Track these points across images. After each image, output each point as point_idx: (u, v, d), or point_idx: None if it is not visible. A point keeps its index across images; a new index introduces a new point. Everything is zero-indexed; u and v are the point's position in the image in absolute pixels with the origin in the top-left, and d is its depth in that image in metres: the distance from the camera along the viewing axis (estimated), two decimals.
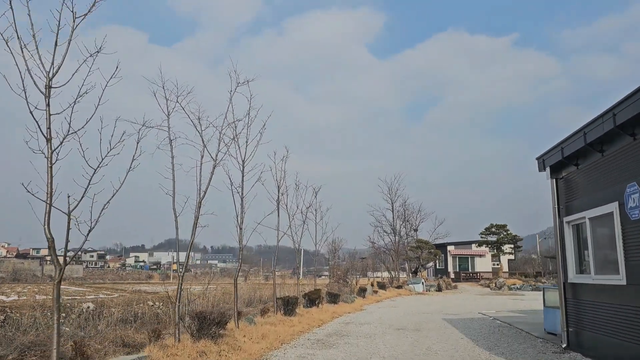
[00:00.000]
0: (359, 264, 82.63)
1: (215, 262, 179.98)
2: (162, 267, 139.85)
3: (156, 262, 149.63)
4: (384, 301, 30.40)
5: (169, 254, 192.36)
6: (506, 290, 44.12)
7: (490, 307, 25.05)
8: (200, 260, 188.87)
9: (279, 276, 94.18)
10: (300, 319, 15.82)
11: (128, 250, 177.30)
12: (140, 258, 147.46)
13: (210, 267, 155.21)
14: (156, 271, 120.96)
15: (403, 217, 52.48)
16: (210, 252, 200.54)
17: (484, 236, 48.13)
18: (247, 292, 30.46)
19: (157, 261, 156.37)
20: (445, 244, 54.34)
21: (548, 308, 14.16)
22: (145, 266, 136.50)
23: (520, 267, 59.01)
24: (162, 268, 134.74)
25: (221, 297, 29.36)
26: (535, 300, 33.00)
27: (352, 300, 25.53)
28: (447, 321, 17.51)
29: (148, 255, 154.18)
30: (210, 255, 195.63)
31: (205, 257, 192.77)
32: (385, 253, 49.45)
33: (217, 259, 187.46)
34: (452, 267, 54.41)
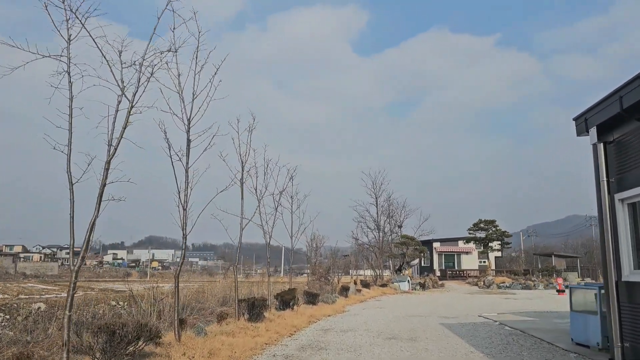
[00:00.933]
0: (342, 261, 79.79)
1: (196, 260, 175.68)
2: (141, 264, 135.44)
3: (135, 260, 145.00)
4: (368, 301, 27.32)
5: (149, 251, 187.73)
6: (495, 288, 41.42)
7: (488, 308, 22.13)
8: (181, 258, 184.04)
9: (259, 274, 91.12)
10: (268, 325, 12.61)
11: (107, 247, 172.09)
12: (118, 255, 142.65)
13: (191, 264, 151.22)
14: (135, 269, 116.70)
15: (387, 213, 49.57)
16: (191, 250, 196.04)
17: (472, 232, 45.38)
18: (222, 291, 27.43)
19: (136, 259, 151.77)
20: (431, 241, 51.52)
21: (577, 313, 11.16)
22: (124, 263, 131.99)
23: (506, 264, 56.51)
24: (141, 266, 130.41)
25: (194, 295, 26.39)
26: (529, 300, 30.33)
27: (333, 301, 22.39)
28: (446, 327, 14.44)
29: (127, 252, 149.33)
30: (191, 252, 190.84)
31: (186, 255, 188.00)
32: (368, 250, 46.41)
33: (198, 257, 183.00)
34: (438, 265, 51.58)
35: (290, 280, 21.52)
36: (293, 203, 18.98)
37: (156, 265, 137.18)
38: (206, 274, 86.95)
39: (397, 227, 49.69)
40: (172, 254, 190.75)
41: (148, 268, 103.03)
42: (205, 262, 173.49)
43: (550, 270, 44.02)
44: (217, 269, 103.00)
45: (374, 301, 27.45)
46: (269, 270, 19.20)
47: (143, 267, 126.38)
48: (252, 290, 28.45)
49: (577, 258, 47.66)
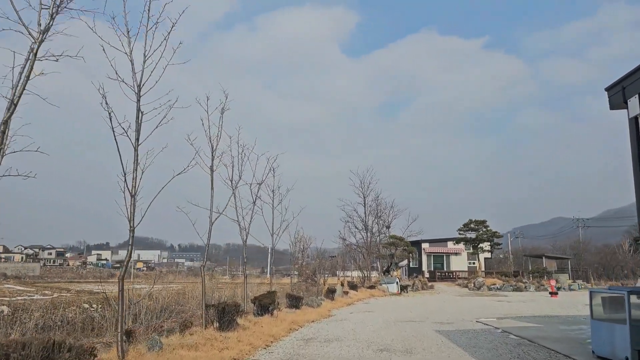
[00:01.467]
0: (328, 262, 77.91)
1: (182, 261, 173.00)
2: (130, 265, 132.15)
3: (120, 261, 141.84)
4: (356, 304, 25.59)
5: (136, 251, 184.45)
6: (486, 290, 39.95)
7: (483, 312, 20.51)
8: (167, 259, 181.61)
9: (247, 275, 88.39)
10: (241, 335, 10.79)
11: (91, 248, 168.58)
12: (102, 256, 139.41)
13: (177, 265, 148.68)
14: (119, 269, 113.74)
15: (376, 213, 47.90)
16: (177, 251, 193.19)
17: (463, 232, 43.85)
18: (210, 291, 25.60)
19: (121, 259, 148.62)
20: (420, 242, 49.92)
21: (599, 322, 9.52)
22: (108, 264, 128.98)
23: (495, 266, 55.16)
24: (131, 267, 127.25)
25: (174, 297, 24.61)
26: (523, 303, 28.84)
27: (318, 304, 20.61)
28: (444, 335, 12.74)
29: (111, 253, 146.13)
30: (177, 253, 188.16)
31: (172, 256, 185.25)
32: (356, 250, 44.71)
33: (184, 258, 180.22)
34: (427, 266, 50.01)
35: (270, 282, 19.67)
36: (274, 197, 17.17)
37: (141, 266, 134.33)
38: (192, 275, 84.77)
39: (385, 228, 48.06)
40: (158, 254, 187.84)
41: (132, 269, 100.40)
42: (192, 263, 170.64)
43: (541, 272, 42.66)
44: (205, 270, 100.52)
45: (362, 304, 25.74)
46: (245, 271, 17.33)
47: (132, 268, 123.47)
48: (235, 292, 26.70)
49: (567, 259, 46.41)
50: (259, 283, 48.91)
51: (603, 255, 60.23)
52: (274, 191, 17.09)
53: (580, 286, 41.57)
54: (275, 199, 17.17)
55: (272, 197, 17.12)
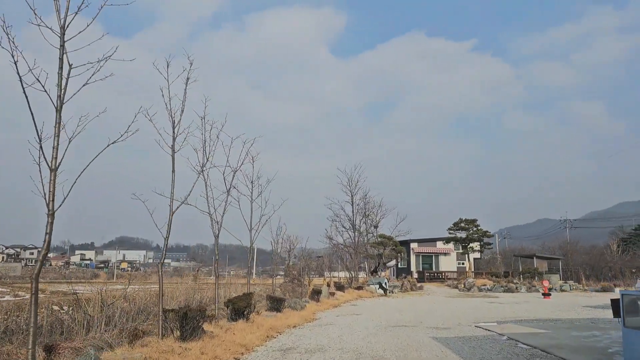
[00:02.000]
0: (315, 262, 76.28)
1: (168, 261, 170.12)
2: (110, 265, 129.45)
3: (104, 261, 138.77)
4: (342, 306, 23.86)
5: (120, 252, 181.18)
6: (476, 291, 38.45)
7: (479, 315, 18.89)
8: (153, 259, 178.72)
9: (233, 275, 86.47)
10: (206, 345, 8.97)
11: (76, 247, 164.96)
12: (86, 256, 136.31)
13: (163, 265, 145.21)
14: (103, 270, 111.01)
15: (363, 212, 46.23)
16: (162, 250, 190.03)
17: (453, 232, 42.30)
18: (185, 293, 23.78)
19: (106, 259, 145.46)
20: (408, 241, 48.33)
21: (636, 331, 7.86)
22: (91, 264, 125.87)
23: (484, 266, 53.78)
24: (110, 267, 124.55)
25: (152, 298, 22.51)
26: (517, 304, 27.30)
27: (302, 307, 18.83)
28: (443, 344, 11.02)
29: (95, 253, 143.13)
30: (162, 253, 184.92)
31: (159, 256, 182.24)
32: (343, 250, 42.99)
33: (170, 258, 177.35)
34: (416, 266, 48.43)
35: (248, 282, 17.80)
36: (253, 188, 15.36)
37: (125, 266, 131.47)
38: (177, 275, 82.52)
39: (373, 227, 46.43)
40: (144, 254, 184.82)
41: (114, 269, 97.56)
42: (178, 263, 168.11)
43: (532, 273, 41.30)
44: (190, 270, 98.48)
45: (350, 306, 24.01)
46: (216, 270, 15.48)
47: (112, 268, 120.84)
48: (218, 293, 25.02)
49: (558, 260, 45.14)
50: (244, 284, 47.01)
51: (592, 256, 59.18)
52: (252, 182, 15.29)
53: (572, 287, 40.27)
54: (254, 190, 15.36)
55: (251, 188, 15.34)
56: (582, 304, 26.74)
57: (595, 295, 35.25)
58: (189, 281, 54.27)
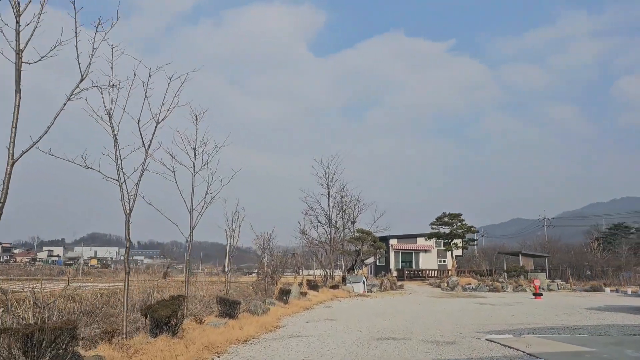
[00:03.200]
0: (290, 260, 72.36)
1: (141, 258, 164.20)
2: (78, 262, 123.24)
3: (74, 257, 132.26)
4: (315, 308, 20.11)
5: (92, 248, 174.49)
6: (460, 290, 35.17)
7: (476, 320, 15.37)
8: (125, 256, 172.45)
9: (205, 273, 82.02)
10: None
11: (46, 244, 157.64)
12: (54, 252, 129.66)
13: (135, 263, 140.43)
14: (71, 266, 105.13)
15: (340, 206, 42.57)
16: (137, 248, 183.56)
17: (436, 227, 38.94)
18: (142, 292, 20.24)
19: (76, 256, 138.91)
20: (387, 237, 44.84)
21: None
22: (59, 261, 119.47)
23: (465, 264, 50.64)
24: (78, 263, 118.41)
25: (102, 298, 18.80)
26: (509, 306, 23.96)
27: (264, 311, 15.02)
28: None
29: (64, 249, 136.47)
30: (137, 250, 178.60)
31: (132, 253, 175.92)
32: (318, 246, 39.27)
33: (143, 255, 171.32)
34: (395, 264, 44.95)
35: (186, 282, 13.76)
36: (196, 157, 11.44)
37: (95, 263, 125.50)
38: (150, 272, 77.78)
39: (351, 223, 42.80)
40: (117, 251, 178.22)
41: (81, 265, 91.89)
42: (151, 261, 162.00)
43: (518, 271, 38.23)
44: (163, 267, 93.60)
45: (323, 308, 20.27)
46: (127, 265, 11.52)
47: (80, 264, 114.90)
48: (183, 293, 21.25)
49: (545, 258, 42.21)
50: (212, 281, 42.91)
51: (572, 255, 56.74)
52: (195, 148, 11.36)
53: (560, 286, 37.33)
54: (197, 159, 11.44)
55: (194, 156, 11.40)
56: (582, 305, 23.54)
57: (587, 295, 32.25)
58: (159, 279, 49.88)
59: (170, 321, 8.21)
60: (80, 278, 63.44)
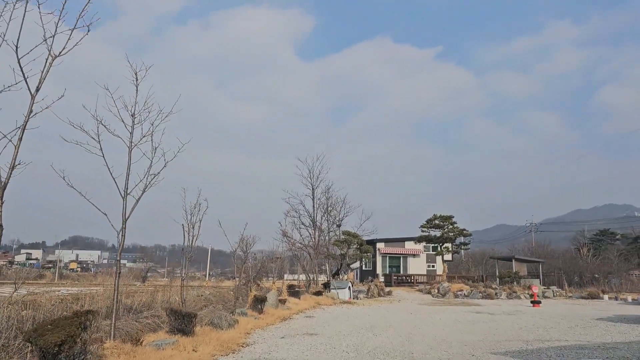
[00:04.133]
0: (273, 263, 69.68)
1: (124, 262, 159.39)
2: (58, 265, 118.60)
3: (52, 261, 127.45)
4: (294, 318, 17.31)
5: (73, 251, 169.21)
6: (452, 297, 32.60)
7: (482, 335, 12.75)
8: (108, 260, 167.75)
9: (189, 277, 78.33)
10: None
11: (26, 247, 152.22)
12: (33, 255, 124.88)
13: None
14: (50, 270, 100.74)
15: (325, 207, 39.88)
16: None
17: (426, 230, 36.35)
18: (109, 299, 17.15)
19: (56, 259, 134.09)
20: (374, 241, 42.17)
21: None
22: (36, 264, 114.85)
23: (454, 269, 48.18)
24: (58, 267, 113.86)
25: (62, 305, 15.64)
26: (509, 315, 21.41)
27: (230, 324, 12.20)
28: None
29: (43, 252, 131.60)
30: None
31: (114, 256, 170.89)
32: (301, 249, 36.48)
33: (126, 259, 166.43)
34: (382, 269, 42.29)
35: (116, 288, 10.85)
36: (135, 126, 8.60)
37: (75, 266, 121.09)
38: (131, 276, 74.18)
39: (336, 226, 40.12)
40: (99, 255, 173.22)
41: (57, 269, 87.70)
42: (134, 264, 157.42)
43: (512, 277, 35.81)
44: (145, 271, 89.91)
45: (304, 318, 17.47)
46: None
47: (60, 268, 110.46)
48: (155, 299, 18.76)
49: (539, 263, 39.87)
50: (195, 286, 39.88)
51: (563, 261, 54.68)
52: (134, 114, 8.54)
53: (555, 293, 34.98)
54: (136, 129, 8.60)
55: (132, 124, 8.55)
56: (589, 315, 21.08)
57: (586, 303, 29.89)
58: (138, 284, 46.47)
59: (62, 351, 5.36)
60: (56, 282, 59.85)
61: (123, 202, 8.44)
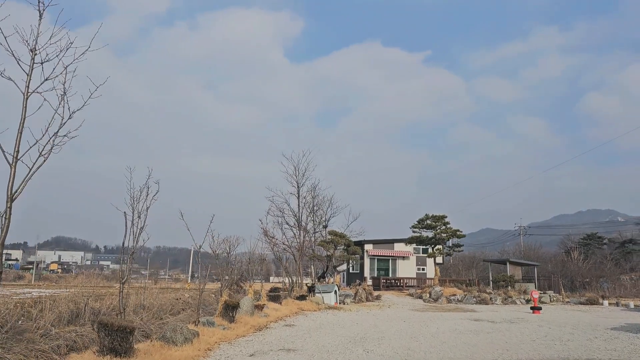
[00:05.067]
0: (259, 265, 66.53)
1: (107, 263, 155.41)
2: (39, 266, 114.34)
3: (32, 262, 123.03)
4: (271, 328, 14.75)
5: (55, 252, 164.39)
6: (445, 302, 30.25)
7: (498, 350, 10.33)
8: (91, 261, 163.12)
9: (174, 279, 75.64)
10: None
11: (7, 247, 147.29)
12: (12, 256, 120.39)
13: (101, 268, 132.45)
14: (29, 271, 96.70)
15: (311, 207, 37.37)
16: (103, 252, 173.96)
17: (417, 230, 33.96)
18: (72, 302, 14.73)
19: (38, 260, 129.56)
20: (362, 242, 39.68)
21: None
22: (16, 265, 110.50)
23: (444, 272, 45.88)
24: (38, 268, 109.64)
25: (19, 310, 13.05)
26: (515, 324, 18.99)
27: (187, 338, 9.61)
28: None
29: (22, 252, 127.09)
30: (103, 255, 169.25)
31: (97, 257, 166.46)
32: (284, 250, 33.89)
33: (110, 260, 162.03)
34: (370, 272, 39.83)
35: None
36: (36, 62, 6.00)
37: (55, 267, 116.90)
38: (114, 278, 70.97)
39: (322, 227, 37.60)
40: (82, 256, 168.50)
41: (36, 270, 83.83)
42: (118, 266, 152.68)
43: (507, 281, 33.57)
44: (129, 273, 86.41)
45: (282, 328, 14.92)
46: None
47: (40, 269, 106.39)
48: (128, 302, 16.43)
49: (534, 267, 37.71)
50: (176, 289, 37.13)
51: (554, 264, 52.81)
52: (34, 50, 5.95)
53: (552, 298, 32.80)
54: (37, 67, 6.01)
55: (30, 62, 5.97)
56: (600, 324, 18.82)
57: (587, 309, 27.68)
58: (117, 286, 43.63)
59: None
60: (33, 283, 56.59)
61: (10, 170, 5.82)
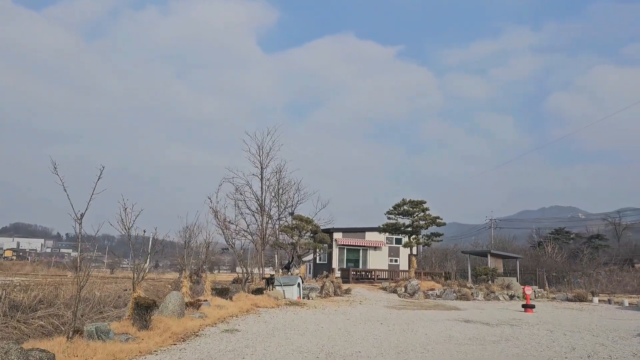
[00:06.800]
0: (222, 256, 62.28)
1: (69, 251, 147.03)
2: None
3: None
4: (205, 334, 10.39)
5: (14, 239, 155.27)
6: (422, 297, 26.44)
7: None
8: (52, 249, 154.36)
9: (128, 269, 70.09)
10: None
11: None
12: None
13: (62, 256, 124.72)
14: None
15: (276, 189, 33.06)
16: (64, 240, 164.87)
17: (393, 217, 29.96)
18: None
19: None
20: (331, 230, 35.56)
21: None
22: None
23: (418, 265, 42.30)
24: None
25: None
26: (510, 327, 14.92)
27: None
28: None
29: None
30: (64, 243, 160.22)
31: (58, 245, 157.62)
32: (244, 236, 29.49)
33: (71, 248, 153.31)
34: (339, 262, 35.79)
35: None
36: None
37: (10, 254, 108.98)
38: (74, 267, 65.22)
39: (288, 214, 33.32)
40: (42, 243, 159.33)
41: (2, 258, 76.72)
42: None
43: (489, 274, 30.05)
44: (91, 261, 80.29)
45: (220, 335, 10.57)
46: None
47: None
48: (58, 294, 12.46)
49: (516, 259, 34.43)
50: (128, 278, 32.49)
51: (528, 258, 49.98)
52: None
53: (537, 294, 29.45)
54: None
55: None
56: (609, 327, 15.20)
57: (581, 307, 24.27)
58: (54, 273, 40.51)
59: None
60: None
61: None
